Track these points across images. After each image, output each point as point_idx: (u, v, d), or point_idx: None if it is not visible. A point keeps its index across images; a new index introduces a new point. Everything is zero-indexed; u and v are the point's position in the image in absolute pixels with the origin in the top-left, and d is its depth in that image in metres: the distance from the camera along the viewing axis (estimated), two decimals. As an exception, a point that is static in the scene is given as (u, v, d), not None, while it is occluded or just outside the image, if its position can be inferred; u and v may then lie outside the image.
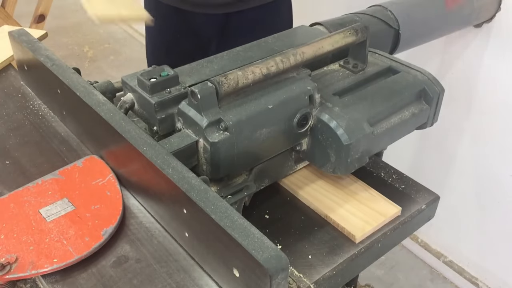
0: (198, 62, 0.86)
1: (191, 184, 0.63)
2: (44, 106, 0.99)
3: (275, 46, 0.92)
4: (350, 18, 1.03)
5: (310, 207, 0.83)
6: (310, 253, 0.75)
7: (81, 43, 3.42)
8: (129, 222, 0.74)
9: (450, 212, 1.79)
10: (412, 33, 1.13)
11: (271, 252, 0.55)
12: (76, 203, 0.74)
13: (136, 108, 0.80)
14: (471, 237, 1.80)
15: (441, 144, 1.75)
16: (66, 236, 0.69)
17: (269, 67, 0.75)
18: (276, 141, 0.78)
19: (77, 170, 0.81)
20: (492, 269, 1.77)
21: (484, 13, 1.38)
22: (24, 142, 0.90)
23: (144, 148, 0.68)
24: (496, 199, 1.65)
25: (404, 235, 0.86)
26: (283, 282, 0.55)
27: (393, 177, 0.90)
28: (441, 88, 0.88)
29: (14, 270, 0.65)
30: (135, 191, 0.78)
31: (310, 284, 0.70)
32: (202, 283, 0.66)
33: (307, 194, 0.84)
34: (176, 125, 0.76)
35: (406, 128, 0.87)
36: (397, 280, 1.92)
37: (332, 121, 0.76)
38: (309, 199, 0.83)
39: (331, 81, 0.86)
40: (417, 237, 1.98)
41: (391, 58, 0.92)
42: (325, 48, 0.81)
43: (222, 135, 0.70)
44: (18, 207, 0.74)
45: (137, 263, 0.68)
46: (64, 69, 0.86)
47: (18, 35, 0.97)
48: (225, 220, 0.58)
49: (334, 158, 0.78)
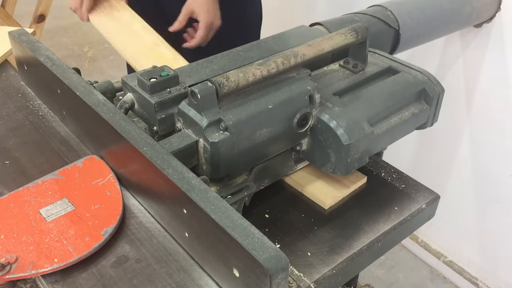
0: (198, 62, 0.86)
1: (191, 184, 0.63)
2: (44, 106, 0.99)
3: (275, 46, 0.92)
4: (350, 18, 1.03)
5: (289, 183, 0.87)
6: (310, 252, 0.75)
7: (81, 43, 3.42)
8: (129, 222, 0.74)
9: (450, 212, 1.79)
10: (412, 33, 1.13)
11: (271, 252, 0.55)
12: (76, 203, 0.74)
13: (136, 108, 0.80)
14: (471, 237, 1.80)
15: (441, 144, 1.75)
16: (66, 236, 0.69)
17: (270, 69, 0.75)
18: (276, 141, 0.78)
19: (77, 170, 0.81)
20: (492, 269, 1.77)
21: (484, 13, 1.38)
22: (24, 142, 0.90)
23: (144, 148, 0.68)
24: (496, 199, 1.65)
25: (404, 235, 0.86)
26: (283, 282, 0.55)
27: (393, 176, 0.90)
28: (441, 88, 0.88)
29: (14, 270, 0.65)
30: (135, 191, 0.78)
31: (310, 283, 0.70)
32: (202, 283, 0.66)
33: (292, 181, 0.87)
34: (176, 125, 0.76)
35: (406, 128, 0.87)
36: (397, 280, 1.92)
37: (332, 121, 0.76)
38: (291, 182, 0.87)
39: (331, 81, 0.86)
40: (417, 237, 1.98)
41: (391, 58, 0.92)
42: (325, 49, 0.81)
43: (222, 135, 0.70)
44: (18, 207, 0.74)
45: (137, 263, 0.68)
46: (64, 69, 0.86)
47: (18, 35, 0.97)
48: (225, 220, 0.58)
49: (334, 158, 0.78)
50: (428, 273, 1.96)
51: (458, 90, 1.60)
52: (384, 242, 0.79)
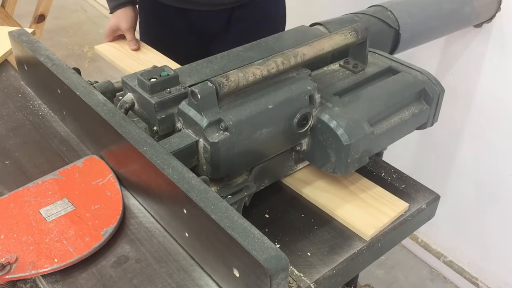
0: (198, 62, 0.86)
1: (191, 184, 0.63)
2: (44, 106, 0.99)
3: (275, 46, 0.92)
4: (350, 18, 1.03)
5: (316, 204, 0.82)
6: (310, 252, 0.75)
7: (81, 43, 3.42)
8: (129, 222, 0.74)
9: (450, 212, 1.79)
10: (412, 33, 1.13)
11: (271, 252, 0.55)
12: (76, 203, 0.74)
13: (136, 108, 0.80)
14: (471, 237, 1.79)
15: (441, 144, 1.75)
16: (66, 236, 0.69)
17: (270, 69, 0.75)
18: (276, 141, 0.78)
19: (77, 170, 0.81)
20: (492, 269, 1.77)
21: (484, 13, 1.38)
22: (24, 142, 0.90)
23: (144, 148, 0.68)
24: (496, 199, 1.65)
25: (405, 235, 0.86)
26: (283, 282, 0.55)
27: (393, 176, 0.90)
28: (441, 88, 0.88)
29: (14, 270, 0.65)
30: (135, 191, 0.78)
31: (310, 283, 0.70)
32: (202, 283, 0.66)
33: (311, 192, 0.84)
34: (176, 125, 0.76)
35: (406, 128, 0.87)
36: (397, 280, 1.92)
37: (332, 121, 0.76)
38: (313, 196, 0.83)
39: (331, 81, 0.86)
40: (417, 237, 1.98)
41: (391, 58, 0.92)
42: (325, 49, 0.81)
43: (222, 135, 0.70)
44: (18, 207, 0.74)
45: (137, 263, 0.68)
46: (64, 69, 0.86)
47: (18, 35, 0.97)
48: (225, 220, 0.58)
49: (334, 158, 0.78)
50: (428, 273, 1.96)
51: (458, 90, 1.60)
52: (384, 242, 0.79)
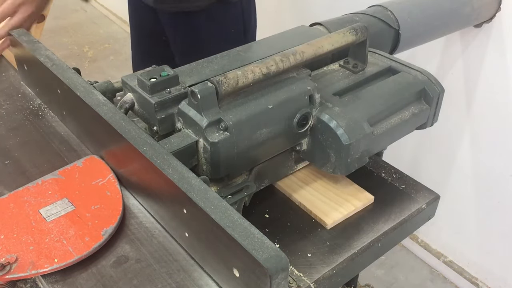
0: (198, 62, 0.86)
1: (191, 184, 0.63)
2: (44, 106, 0.99)
3: (275, 46, 0.92)
4: (350, 18, 1.03)
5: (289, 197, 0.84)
6: (310, 252, 0.75)
7: (81, 43, 3.43)
8: (129, 222, 0.74)
9: (450, 212, 1.79)
10: (412, 33, 1.13)
11: (271, 252, 0.55)
12: (76, 203, 0.74)
13: (136, 108, 0.80)
14: (471, 237, 1.80)
15: (441, 144, 1.75)
16: (66, 236, 0.69)
17: (269, 67, 0.75)
18: (276, 141, 0.78)
19: (77, 170, 0.81)
20: (492, 269, 1.77)
21: (484, 13, 1.38)
22: (24, 142, 0.90)
23: (144, 148, 0.68)
24: (496, 199, 1.65)
25: (404, 235, 0.86)
26: (283, 282, 0.55)
27: (393, 176, 0.90)
28: (441, 88, 0.88)
29: (14, 270, 0.65)
30: (135, 191, 0.78)
31: (310, 283, 0.70)
32: (202, 283, 0.66)
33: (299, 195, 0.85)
34: (176, 125, 0.76)
35: (406, 128, 0.87)
36: (397, 280, 1.92)
37: (332, 121, 0.76)
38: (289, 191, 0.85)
39: (331, 81, 0.86)
40: (417, 237, 1.98)
41: (391, 58, 0.92)
42: (325, 48, 0.81)
43: (222, 135, 0.70)
44: (18, 207, 0.74)
45: (137, 263, 0.68)
46: (64, 69, 0.86)
47: (18, 35, 0.97)
48: (225, 220, 0.58)
49: (334, 158, 0.78)
50: (428, 273, 1.96)
51: (458, 90, 1.60)
52: (384, 242, 0.79)
